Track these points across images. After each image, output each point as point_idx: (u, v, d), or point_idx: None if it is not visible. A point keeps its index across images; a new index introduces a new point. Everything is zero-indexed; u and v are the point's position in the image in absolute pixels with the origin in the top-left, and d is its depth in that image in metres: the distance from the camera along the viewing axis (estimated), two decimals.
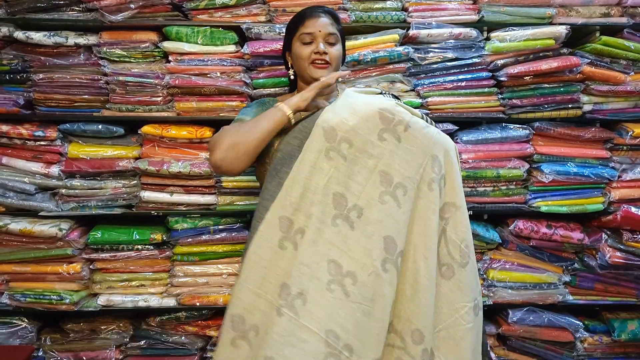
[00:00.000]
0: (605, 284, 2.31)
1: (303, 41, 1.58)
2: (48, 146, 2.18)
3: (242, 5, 2.15)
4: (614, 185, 2.25)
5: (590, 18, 2.20)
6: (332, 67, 1.58)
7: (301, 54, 1.59)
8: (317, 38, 1.57)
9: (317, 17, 1.59)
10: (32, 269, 2.18)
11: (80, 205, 2.20)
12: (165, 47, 2.12)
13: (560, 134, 2.22)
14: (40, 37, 2.07)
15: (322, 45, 1.56)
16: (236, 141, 1.37)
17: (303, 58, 1.58)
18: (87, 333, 2.29)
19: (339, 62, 1.62)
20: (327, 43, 1.58)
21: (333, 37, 1.59)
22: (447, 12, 2.18)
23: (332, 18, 1.62)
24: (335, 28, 1.61)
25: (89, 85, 2.15)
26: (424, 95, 2.19)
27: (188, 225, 2.21)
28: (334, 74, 1.52)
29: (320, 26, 1.57)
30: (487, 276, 2.27)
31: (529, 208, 2.24)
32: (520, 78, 2.16)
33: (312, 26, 1.57)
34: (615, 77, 2.14)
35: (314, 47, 1.57)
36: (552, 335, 2.31)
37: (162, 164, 2.14)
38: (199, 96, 2.17)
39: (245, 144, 1.37)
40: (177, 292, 2.25)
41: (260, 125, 1.39)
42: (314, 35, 1.57)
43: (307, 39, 1.58)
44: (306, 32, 1.58)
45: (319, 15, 1.60)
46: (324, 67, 1.57)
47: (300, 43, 1.59)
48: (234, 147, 1.36)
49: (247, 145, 1.37)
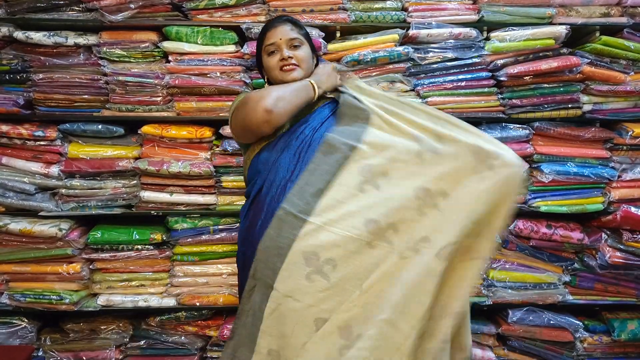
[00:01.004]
0: (605, 284, 2.30)
1: (268, 52, 1.63)
2: (48, 146, 2.18)
3: (241, 5, 2.15)
4: (613, 185, 2.25)
5: (590, 18, 2.20)
6: (301, 68, 1.62)
7: (269, 65, 1.63)
8: (280, 46, 1.61)
9: (276, 27, 1.63)
10: (32, 269, 2.18)
11: (80, 205, 2.20)
12: (165, 47, 2.13)
13: (560, 134, 2.22)
14: (40, 37, 2.07)
15: (286, 50, 1.60)
16: (283, 96, 1.47)
17: (272, 68, 1.62)
18: (87, 333, 2.29)
19: (308, 63, 1.65)
20: (292, 47, 1.62)
21: (296, 40, 1.63)
22: (447, 12, 2.18)
23: (291, 24, 1.66)
24: (297, 32, 1.65)
25: (89, 85, 2.16)
26: (424, 95, 2.19)
27: (188, 225, 2.21)
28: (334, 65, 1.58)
29: (280, 34, 1.61)
30: (487, 276, 2.27)
31: (529, 208, 2.24)
32: (520, 78, 2.16)
33: (273, 36, 1.62)
34: (615, 77, 2.14)
35: (279, 55, 1.61)
36: (552, 335, 2.31)
37: (161, 164, 2.14)
38: (199, 96, 2.17)
39: (289, 102, 1.48)
40: (177, 292, 2.25)
41: (298, 96, 1.51)
42: (277, 44, 1.61)
43: (271, 49, 1.62)
44: (269, 43, 1.62)
45: (277, 25, 1.64)
46: (292, 70, 1.60)
47: (266, 55, 1.64)
48: (282, 99, 1.46)
49: (291, 105, 1.48)
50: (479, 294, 2.28)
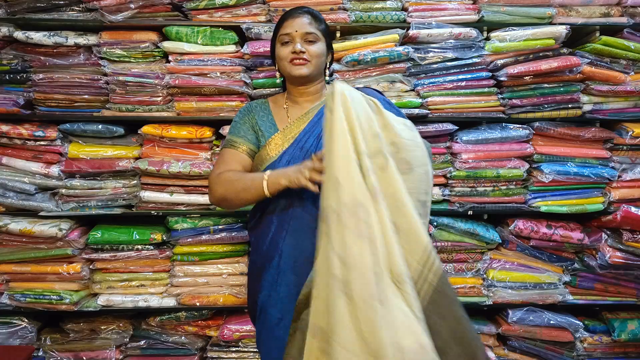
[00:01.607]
0: (605, 284, 2.30)
1: (282, 42, 1.61)
2: (48, 146, 2.18)
3: (242, 5, 2.15)
4: (613, 185, 2.25)
5: (590, 18, 2.20)
6: (311, 64, 1.59)
7: (280, 55, 1.61)
8: (295, 38, 1.59)
9: (295, 18, 1.61)
10: (32, 269, 2.18)
11: (80, 205, 2.20)
12: (165, 47, 2.13)
13: (560, 134, 2.22)
14: (40, 37, 2.07)
15: (299, 44, 1.58)
16: (226, 196, 1.52)
17: (282, 58, 1.61)
18: (87, 333, 2.29)
19: (319, 60, 1.62)
20: (306, 42, 1.60)
21: (312, 35, 1.60)
22: (447, 12, 2.18)
23: (311, 17, 1.63)
24: (315, 27, 1.61)
25: (89, 85, 2.16)
26: (424, 95, 2.19)
27: (188, 225, 2.21)
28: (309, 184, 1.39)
29: (297, 26, 1.59)
30: (487, 276, 2.27)
31: (529, 208, 2.24)
32: (520, 78, 2.16)
33: (290, 26, 1.60)
34: (615, 77, 2.14)
35: (292, 47, 1.59)
36: (552, 335, 2.31)
37: (162, 164, 2.14)
38: (199, 96, 2.17)
39: (233, 201, 1.53)
40: (177, 292, 2.25)
41: (246, 194, 1.49)
42: (291, 35, 1.59)
43: (285, 39, 1.60)
44: (284, 32, 1.60)
45: (297, 15, 1.61)
46: (302, 64, 1.59)
47: (280, 44, 1.62)
48: (225, 199, 1.53)
49: (235, 203, 1.53)
50: (479, 294, 2.28)
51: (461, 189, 2.24)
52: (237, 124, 1.67)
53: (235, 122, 1.68)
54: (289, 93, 1.71)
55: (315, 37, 1.60)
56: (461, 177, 2.22)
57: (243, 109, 1.71)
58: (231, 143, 1.63)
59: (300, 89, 1.66)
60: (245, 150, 1.61)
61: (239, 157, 1.60)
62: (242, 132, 1.63)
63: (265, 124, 1.64)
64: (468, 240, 2.26)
